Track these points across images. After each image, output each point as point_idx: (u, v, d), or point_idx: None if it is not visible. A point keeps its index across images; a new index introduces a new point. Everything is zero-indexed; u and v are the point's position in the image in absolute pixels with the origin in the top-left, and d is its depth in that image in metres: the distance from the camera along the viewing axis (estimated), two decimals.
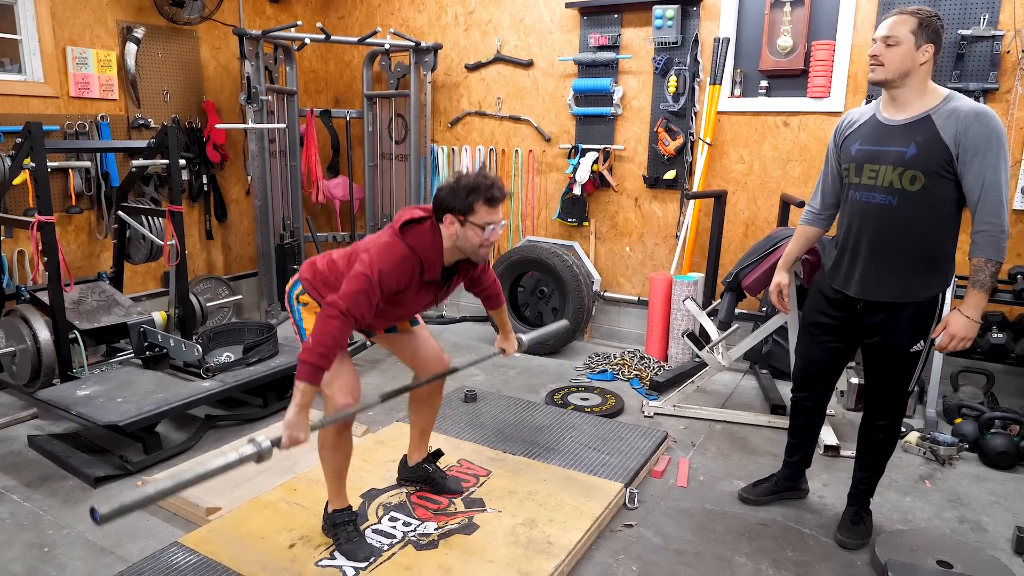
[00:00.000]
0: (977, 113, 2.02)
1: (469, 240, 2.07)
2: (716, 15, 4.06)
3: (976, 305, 2.08)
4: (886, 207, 2.15)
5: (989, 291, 2.07)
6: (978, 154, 2.00)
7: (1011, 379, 3.56)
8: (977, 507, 2.67)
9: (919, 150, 2.07)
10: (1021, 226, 3.55)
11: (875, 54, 2.11)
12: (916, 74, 2.09)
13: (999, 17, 3.44)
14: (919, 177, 2.08)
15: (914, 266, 2.16)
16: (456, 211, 2.03)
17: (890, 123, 2.15)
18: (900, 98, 2.14)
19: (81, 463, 2.80)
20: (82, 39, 4.07)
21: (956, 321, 2.09)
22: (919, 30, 2.05)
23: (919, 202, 2.10)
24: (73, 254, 4.15)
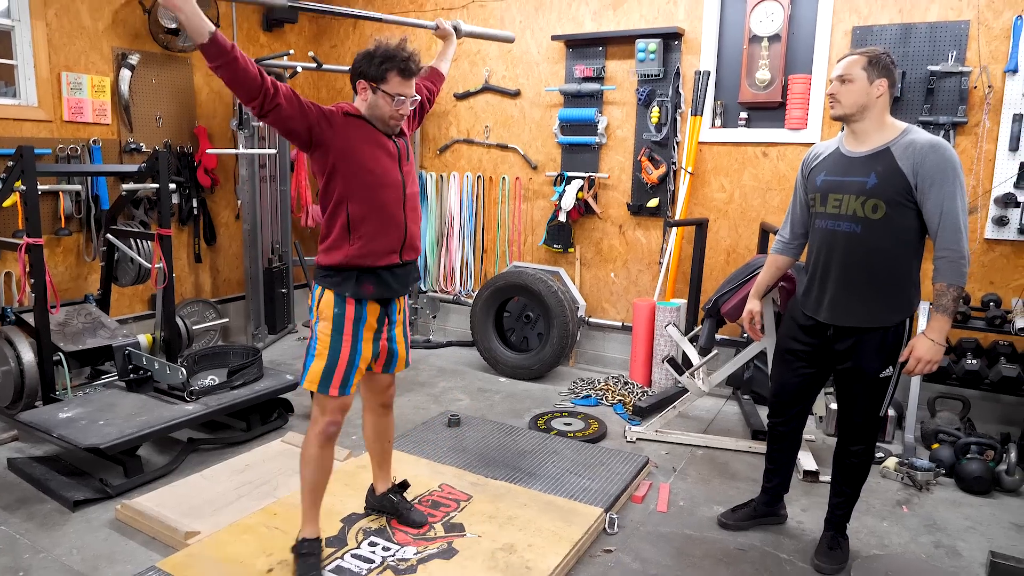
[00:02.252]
0: (932, 145, 2.12)
1: (380, 108, 2.10)
2: (697, 49, 4.18)
3: (940, 328, 2.14)
4: (851, 235, 2.23)
5: (952, 315, 2.14)
6: (935, 184, 2.09)
7: (986, 404, 3.62)
8: (953, 532, 2.71)
9: (879, 180, 2.16)
10: (993, 254, 3.64)
11: (832, 92, 2.23)
12: (873, 108, 2.20)
13: (966, 54, 3.56)
14: (880, 205, 2.16)
15: (880, 292, 2.23)
16: (369, 77, 2.07)
17: (852, 155, 2.25)
18: (860, 131, 2.24)
19: (60, 486, 2.80)
20: (77, 65, 4.13)
21: (921, 344, 2.16)
22: (869, 67, 2.17)
23: (882, 230, 2.18)
24: (61, 276, 4.17)
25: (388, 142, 2.19)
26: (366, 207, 2.12)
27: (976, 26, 3.54)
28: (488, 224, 5.05)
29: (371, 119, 2.14)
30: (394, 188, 2.18)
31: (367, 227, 2.13)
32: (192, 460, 3.12)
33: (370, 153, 2.13)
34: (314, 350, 2.19)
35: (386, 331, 2.30)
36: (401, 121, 2.17)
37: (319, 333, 2.19)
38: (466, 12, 4.89)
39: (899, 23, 3.70)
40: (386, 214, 2.16)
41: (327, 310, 2.17)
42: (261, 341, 4.79)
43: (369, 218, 2.13)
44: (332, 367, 2.17)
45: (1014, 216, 3.54)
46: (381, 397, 2.47)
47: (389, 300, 2.28)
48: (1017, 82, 3.47)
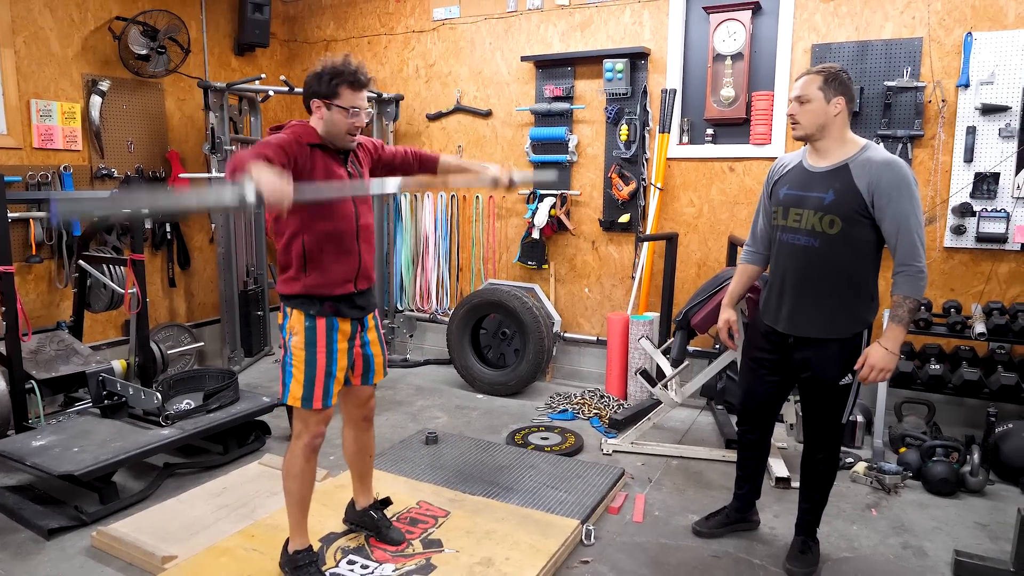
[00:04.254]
0: (887, 163, 2.20)
1: (336, 124, 2.13)
2: (663, 68, 4.29)
3: (894, 338, 2.22)
4: (809, 248, 2.31)
5: (906, 325, 2.22)
6: (891, 201, 2.17)
7: (951, 408, 3.72)
8: (920, 533, 2.78)
9: (836, 196, 2.24)
10: (952, 262, 3.76)
11: (791, 113, 2.30)
12: (832, 125, 2.28)
13: (920, 70, 3.70)
14: (837, 221, 2.24)
15: (838, 303, 2.31)
16: (321, 95, 2.11)
17: (813, 170, 2.33)
18: (822, 148, 2.32)
19: (34, 515, 2.77)
20: (47, 92, 4.13)
21: (875, 352, 2.23)
22: (826, 85, 2.24)
23: (839, 244, 2.26)
24: (32, 303, 4.14)
25: (343, 173, 2.22)
26: (320, 239, 2.17)
27: (928, 43, 3.68)
28: (463, 243, 5.10)
29: (329, 139, 2.17)
30: (347, 220, 2.21)
31: (322, 258, 2.18)
32: (169, 485, 3.11)
33: (320, 170, 2.16)
34: (291, 367, 2.21)
35: (359, 338, 2.34)
36: (357, 134, 2.20)
37: (293, 348, 2.21)
38: (436, 34, 4.98)
39: (856, 40, 3.84)
40: (341, 246, 2.21)
41: (298, 325, 2.21)
42: (237, 364, 4.78)
43: (324, 250, 2.18)
44: (311, 380, 2.20)
45: (971, 225, 3.66)
46: (362, 410, 2.49)
47: None
48: (969, 96, 3.62)
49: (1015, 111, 3.53)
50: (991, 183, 3.61)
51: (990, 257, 3.68)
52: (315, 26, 5.49)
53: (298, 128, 2.17)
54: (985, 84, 3.57)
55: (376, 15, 5.20)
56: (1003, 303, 3.54)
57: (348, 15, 5.31)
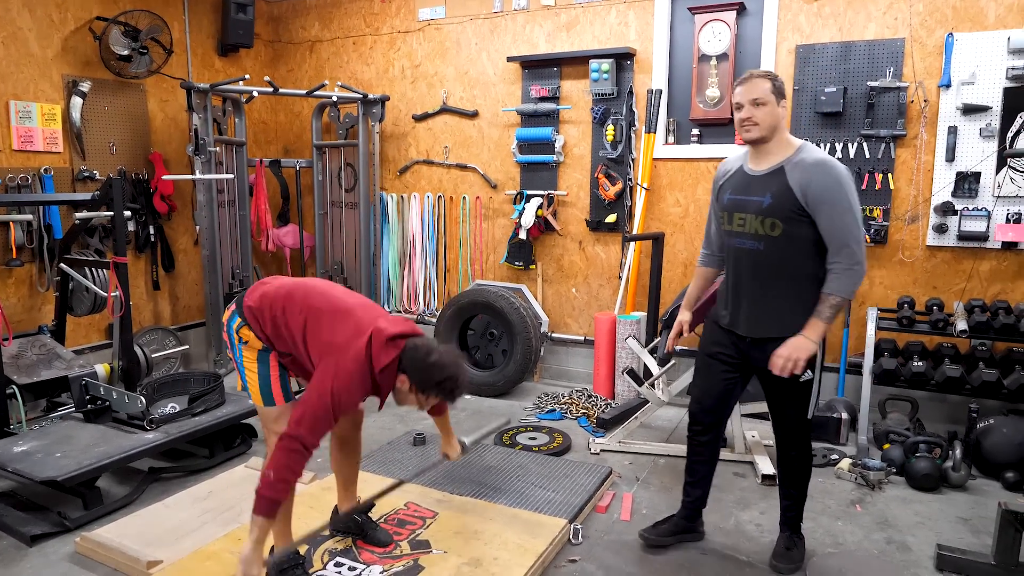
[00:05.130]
0: (818, 163, 2.22)
1: (408, 400, 2.15)
2: (648, 68, 4.31)
3: (816, 330, 2.25)
4: (754, 252, 2.33)
5: (828, 321, 2.25)
6: (824, 202, 2.19)
7: (934, 404, 3.77)
8: (903, 528, 2.81)
9: (773, 199, 2.27)
10: (935, 260, 3.81)
11: (747, 116, 2.28)
12: (779, 128, 2.30)
13: (903, 70, 3.74)
14: (777, 224, 2.27)
15: (789, 303, 2.32)
16: (416, 383, 2.09)
17: (753, 174, 2.35)
18: (764, 151, 2.33)
19: (16, 521, 2.73)
20: (26, 93, 4.08)
21: (793, 340, 2.26)
22: (774, 89, 2.28)
23: (782, 245, 2.28)
24: (13, 308, 4.08)
25: None
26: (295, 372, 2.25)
27: (911, 43, 3.72)
28: (450, 243, 5.09)
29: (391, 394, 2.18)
30: None
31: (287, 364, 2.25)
32: (154, 489, 3.08)
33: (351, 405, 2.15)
34: (244, 369, 2.24)
35: None
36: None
37: (244, 359, 2.23)
38: (422, 34, 4.97)
39: (839, 41, 3.87)
40: None
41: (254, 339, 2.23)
42: (223, 367, 4.74)
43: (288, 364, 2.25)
44: (267, 383, 2.22)
45: (952, 223, 3.71)
46: (351, 419, 2.47)
47: None
48: (950, 96, 3.66)
49: (995, 111, 3.57)
50: (972, 182, 3.65)
51: (972, 255, 3.73)
52: (300, 26, 5.46)
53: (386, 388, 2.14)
54: (966, 84, 3.61)
55: (361, 15, 5.18)
56: (984, 300, 3.59)
57: (333, 15, 5.29)
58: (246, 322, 2.21)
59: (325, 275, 5.39)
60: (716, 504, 2.98)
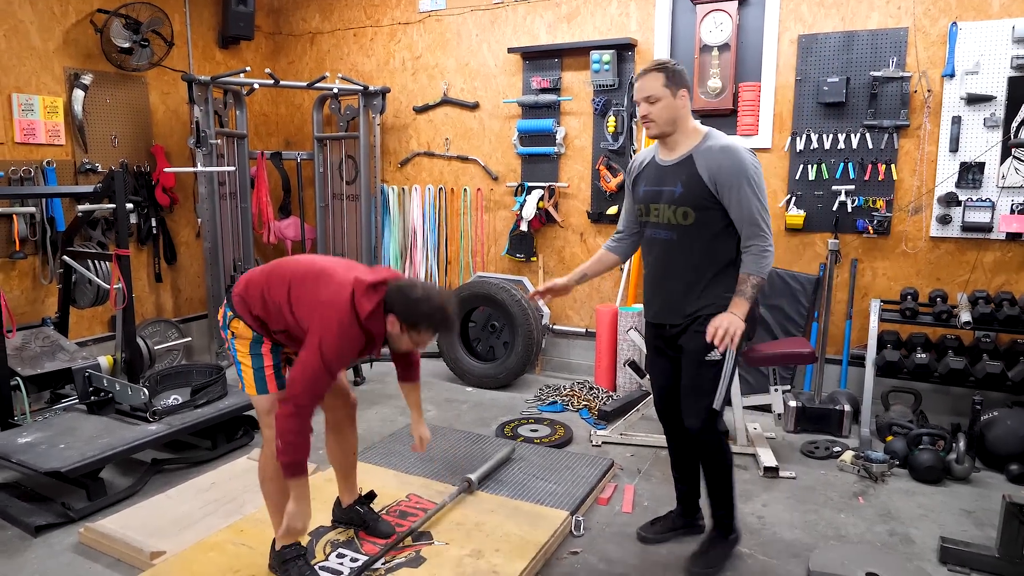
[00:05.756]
0: (724, 150, 2.22)
1: (400, 343, 2.16)
2: (650, 59, 4.28)
3: (740, 307, 2.24)
4: (669, 242, 2.33)
5: (750, 300, 2.25)
6: (732, 187, 2.20)
7: (937, 397, 3.75)
8: (906, 520, 2.81)
9: (684, 188, 2.26)
10: (938, 252, 3.79)
11: (644, 114, 2.28)
12: (681, 118, 2.28)
13: (906, 60, 3.72)
14: (689, 212, 2.27)
15: (705, 288, 2.31)
16: (404, 320, 2.09)
17: (664, 164, 2.34)
18: (671, 143, 2.33)
19: (20, 512, 2.75)
20: (28, 86, 4.08)
21: (724, 316, 2.23)
22: (669, 81, 2.24)
23: (695, 233, 2.29)
24: (16, 300, 4.09)
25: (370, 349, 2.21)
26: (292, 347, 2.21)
27: (914, 33, 3.70)
28: (451, 235, 5.08)
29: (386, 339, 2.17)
30: None
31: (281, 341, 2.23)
32: (156, 481, 3.09)
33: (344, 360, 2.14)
34: (239, 363, 2.23)
35: None
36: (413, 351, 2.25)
37: (237, 352, 2.23)
38: (422, 26, 4.95)
39: (842, 31, 3.84)
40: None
41: (245, 332, 2.22)
42: (225, 359, 4.75)
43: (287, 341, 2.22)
44: (261, 371, 2.21)
45: (956, 214, 3.69)
46: (345, 408, 2.48)
47: None
48: (954, 86, 3.63)
49: (1000, 100, 3.55)
50: (976, 173, 3.63)
51: (975, 246, 3.71)
52: (300, 18, 5.45)
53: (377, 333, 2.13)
54: (970, 74, 3.59)
55: (361, 7, 5.16)
56: (988, 292, 3.57)
57: (333, 7, 5.27)
58: (236, 313, 2.21)
59: None
60: None
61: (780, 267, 4.06)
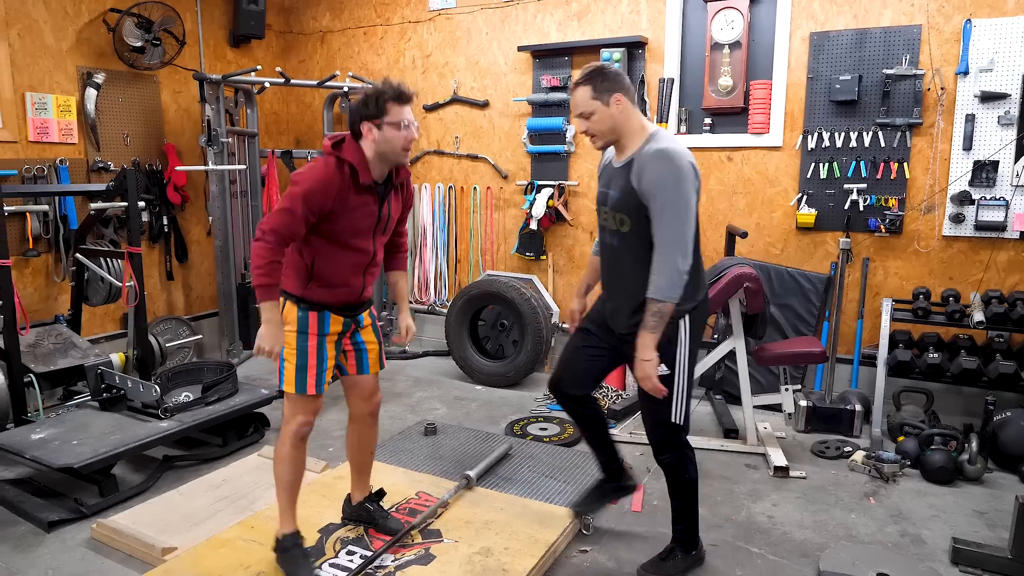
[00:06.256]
0: (655, 154, 2.08)
1: (390, 141, 2.13)
2: (660, 57, 4.27)
3: (643, 345, 2.12)
4: (614, 247, 2.27)
5: (653, 329, 2.10)
6: (654, 197, 2.08)
7: (949, 397, 3.72)
8: (918, 521, 2.79)
9: (621, 194, 2.18)
10: (951, 251, 3.76)
11: (583, 130, 2.21)
12: (622, 123, 2.17)
13: (919, 57, 3.69)
14: (626, 219, 2.18)
15: (641, 301, 2.18)
16: (370, 116, 2.12)
17: (615, 166, 2.26)
18: (620, 146, 2.24)
19: (34, 508, 2.77)
20: (41, 85, 4.11)
21: (636, 363, 2.15)
22: (596, 92, 2.13)
23: (633, 241, 2.18)
24: (30, 297, 4.13)
25: (375, 211, 2.23)
26: (332, 266, 2.23)
27: (927, 30, 3.66)
28: (461, 234, 5.09)
29: (380, 160, 2.17)
30: (363, 255, 2.27)
31: (329, 281, 2.24)
32: (168, 477, 3.11)
33: (352, 224, 2.19)
34: (283, 354, 2.24)
35: (350, 335, 2.37)
36: (410, 148, 2.20)
37: (285, 338, 2.23)
38: (433, 24, 4.96)
39: (854, 28, 3.82)
40: (349, 276, 2.27)
41: (291, 315, 2.25)
42: (236, 357, 4.77)
43: (332, 276, 2.24)
44: (304, 367, 2.24)
45: (969, 213, 3.66)
46: (368, 405, 2.49)
47: None
48: (968, 83, 3.60)
49: (1015, 98, 3.51)
50: (990, 171, 3.60)
51: (989, 245, 3.68)
52: (310, 17, 5.46)
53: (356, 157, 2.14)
54: (984, 71, 3.56)
55: (372, 5, 5.17)
56: (1002, 291, 3.54)
57: (344, 5, 5.28)
58: (286, 295, 2.24)
59: None
60: (728, 496, 2.97)
61: (791, 266, 4.04)
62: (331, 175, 2.11)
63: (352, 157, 2.14)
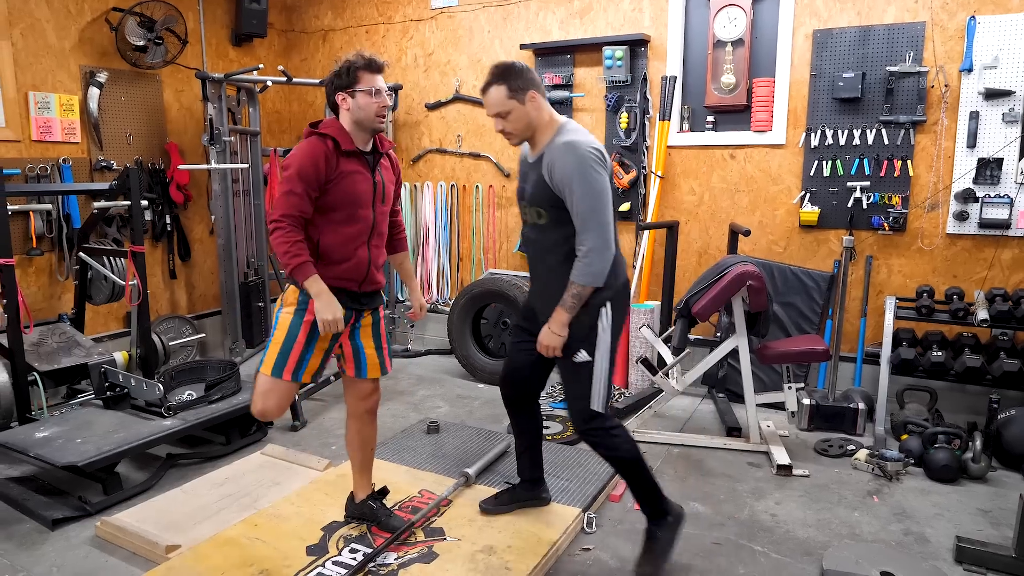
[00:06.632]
0: (563, 145, 2.14)
1: (364, 108, 2.21)
2: (663, 55, 4.26)
3: (558, 320, 2.21)
4: (534, 240, 2.33)
5: (569, 309, 2.20)
6: (567, 188, 2.12)
7: (953, 395, 3.72)
8: (921, 519, 2.78)
9: (533, 189, 2.23)
10: (955, 249, 3.75)
11: (500, 129, 2.24)
12: (536, 120, 2.22)
13: (923, 54, 3.68)
14: (542, 212, 2.23)
15: (560, 291, 2.23)
16: (344, 87, 2.21)
17: (529, 160, 2.31)
18: (533, 140, 2.28)
19: (38, 505, 2.78)
20: (44, 84, 4.12)
21: (542, 332, 2.26)
22: (512, 92, 2.17)
23: (551, 233, 2.24)
24: (33, 296, 4.14)
25: (369, 179, 2.28)
26: (335, 241, 2.26)
27: (931, 27, 3.65)
28: (463, 232, 5.09)
29: (360, 127, 2.24)
30: (365, 225, 2.31)
31: (333, 258, 2.27)
32: (172, 475, 3.12)
33: (351, 189, 2.24)
34: (272, 335, 2.29)
35: (349, 327, 2.37)
36: (385, 114, 2.27)
37: (280, 318, 2.28)
38: (435, 22, 4.95)
39: (858, 25, 3.81)
40: (353, 250, 2.29)
41: (292, 297, 2.28)
42: (239, 355, 4.78)
43: (336, 251, 2.27)
44: (288, 349, 2.26)
45: (973, 211, 3.65)
46: (366, 403, 2.51)
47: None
48: (972, 81, 3.59)
49: (1019, 95, 3.50)
50: (994, 169, 3.59)
51: (993, 243, 3.67)
52: (312, 16, 5.46)
53: (334, 128, 2.22)
54: (989, 68, 3.54)
55: (374, 4, 5.17)
56: (1006, 289, 3.53)
57: (346, 4, 5.28)
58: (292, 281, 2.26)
59: None
60: (731, 494, 2.97)
61: (794, 264, 4.03)
62: (316, 148, 2.18)
63: (330, 130, 2.22)
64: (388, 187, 2.37)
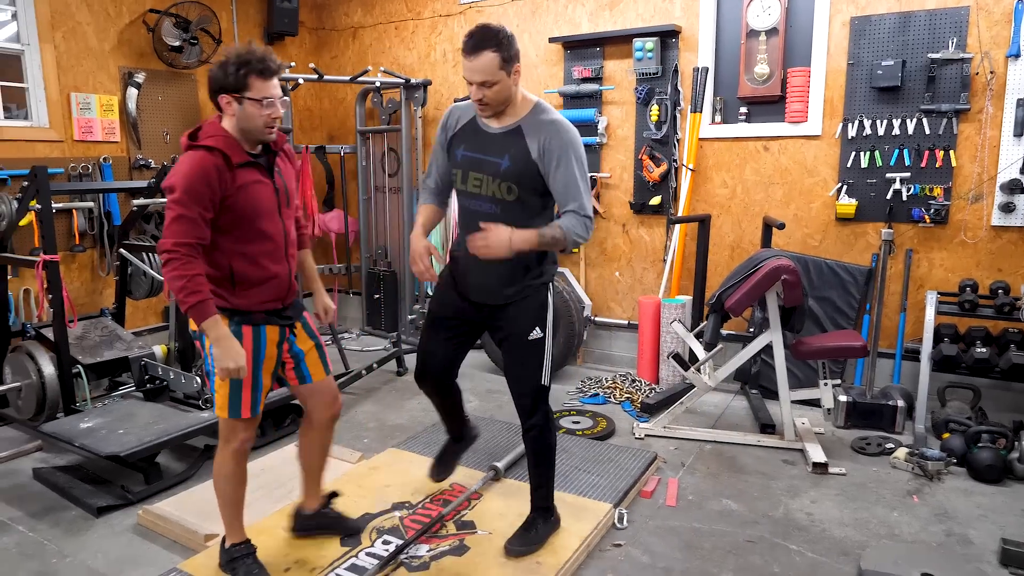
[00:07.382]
0: (554, 123, 2.16)
1: (250, 119, 1.99)
2: (694, 46, 4.20)
3: (525, 237, 2.10)
4: (491, 215, 2.20)
5: (541, 240, 2.12)
6: (560, 163, 2.13)
7: (997, 393, 3.61)
8: (964, 520, 2.71)
9: (512, 163, 2.16)
10: (1000, 241, 3.63)
11: (478, 97, 2.11)
12: (514, 94, 2.17)
13: (966, 41, 3.56)
14: (514, 188, 2.18)
15: (521, 269, 2.24)
16: (230, 89, 1.95)
17: (489, 131, 2.21)
18: (500, 113, 2.19)
19: (84, 494, 2.87)
20: (85, 85, 4.23)
21: (498, 230, 2.09)
22: (504, 63, 2.07)
23: (517, 209, 2.20)
24: (76, 291, 4.26)
25: (271, 187, 2.09)
26: (251, 262, 2.07)
27: (976, 12, 3.54)
28: None
29: (244, 136, 2.03)
30: (277, 238, 2.13)
31: (251, 280, 2.08)
32: (209, 466, 3.14)
33: (253, 204, 2.03)
34: (215, 375, 2.06)
35: (288, 348, 2.24)
36: (275, 126, 2.05)
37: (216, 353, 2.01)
38: (463, 17, 4.95)
39: (897, 11, 3.70)
40: (270, 267, 2.11)
41: None
42: None
43: (254, 273, 2.08)
44: (237, 387, 2.09)
45: (1020, 202, 3.53)
46: (330, 410, 2.38)
47: None
48: (1020, 67, 3.47)
49: None
50: None
51: None
52: (343, 13, 5.51)
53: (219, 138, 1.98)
54: None
55: (403, 0, 5.19)
56: None
57: (375, 1, 5.31)
58: None
59: (369, 259, 5.47)
60: (765, 492, 2.93)
61: (830, 258, 3.95)
62: (203, 162, 1.93)
63: (214, 141, 1.96)
64: (291, 187, 2.19)
